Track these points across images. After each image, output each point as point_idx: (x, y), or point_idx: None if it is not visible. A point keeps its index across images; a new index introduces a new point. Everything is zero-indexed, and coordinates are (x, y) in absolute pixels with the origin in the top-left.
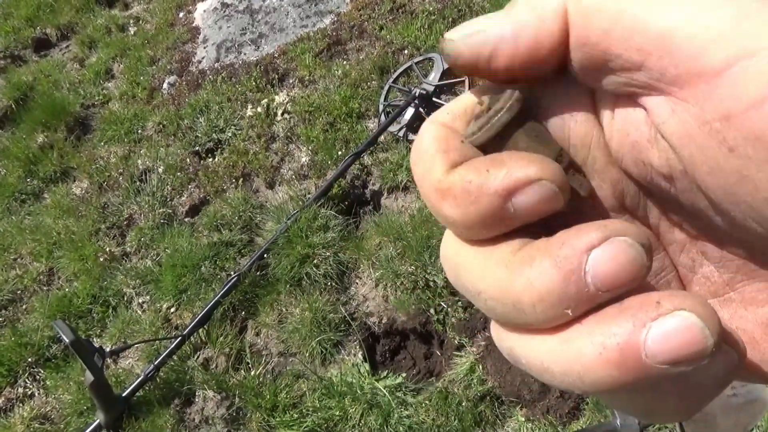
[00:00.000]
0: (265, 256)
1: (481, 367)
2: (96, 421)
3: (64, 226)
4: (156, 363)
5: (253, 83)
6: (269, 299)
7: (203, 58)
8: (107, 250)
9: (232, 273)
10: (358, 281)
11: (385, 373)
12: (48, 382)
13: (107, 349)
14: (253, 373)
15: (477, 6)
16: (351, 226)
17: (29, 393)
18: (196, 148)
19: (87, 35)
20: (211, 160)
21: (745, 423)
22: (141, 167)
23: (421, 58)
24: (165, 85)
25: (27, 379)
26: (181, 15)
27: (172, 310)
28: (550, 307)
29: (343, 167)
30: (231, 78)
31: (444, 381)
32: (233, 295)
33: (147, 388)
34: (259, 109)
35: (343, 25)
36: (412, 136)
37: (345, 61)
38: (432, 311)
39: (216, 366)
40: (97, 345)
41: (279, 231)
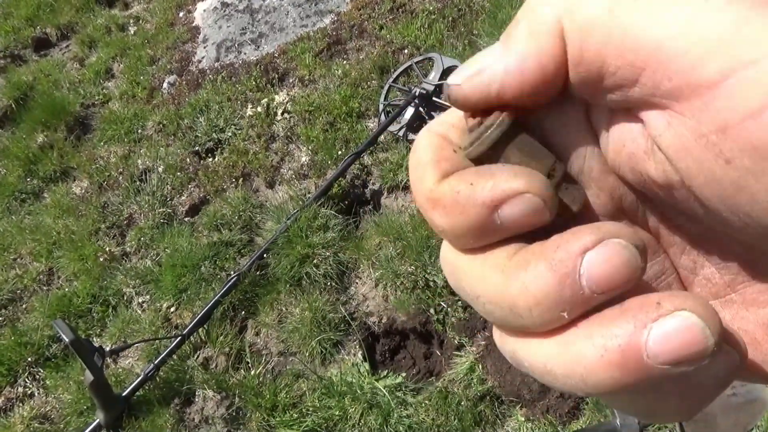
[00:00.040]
0: (264, 255)
1: (480, 366)
2: (96, 420)
3: (63, 226)
4: (156, 362)
5: (253, 83)
6: (269, 299)
7: (203, 57)
8: (107, 249)
9: (232, 273)
10: (358, 281)
11: (385, 372)
12: (48, 382)
13: (107, 348)
14: (252, 372)
15: (477, 6)
16: (351, 225)
17: (29, 392)
18: (196, 148)
19: (87, 35)
20: (211, 159)
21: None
22: (141, 167)
23: (421, 58)
24: (165, 84)
25: (27, 379)
26: (181, 14)
27: (172, 309)
28: (546, 310)
29: (343, 167)
30: (231, 77)
31: (444, 381)
32: (233, 295)
33: (147, 388)
34: (259, 108)
35: (343, 25)
36: (412, 136)
37: (345, 61)
38: (432, 311)
39: (216, 365)
40: (96, 344)
41: (279, 231)
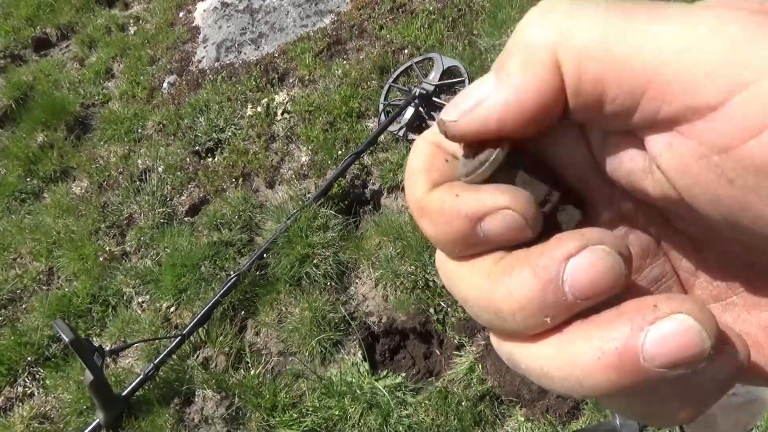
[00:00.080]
0: (264, 255)
1: (480, 366)
2: (95, 420)
3: (63, 226)
4: (155, 362)
5: (253, 83)
6: (269, 299)
7: (203, 57)
8: (107, 249)
9: (232, 272)
10: (357, 281)
11: (385, 372)
12: (48, 382)
13: (107, 348)
14: (252, 372)
15: (477, 5)
16: (351, 225)
17: (29, 392)
18: (196, 148)
19: (87, 35)
20: (210, 159)
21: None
22: (141, 167)
23: (421, 58)
24: (165, 84)
25: (26, 379)
26: (181, 14)
27: (172, 309)
28: (529, 315)
29: (343, 167)
30: (231, 77)
31: (443, 380)
32: (233, 295)
33: (146, 388)
34: (259, 108)
35: (343, 25)
36: (412, 136)
37: (345, 61)
38: (432, 311)
39: (216, 365)
40: (96, 344)
41: (279, 230)
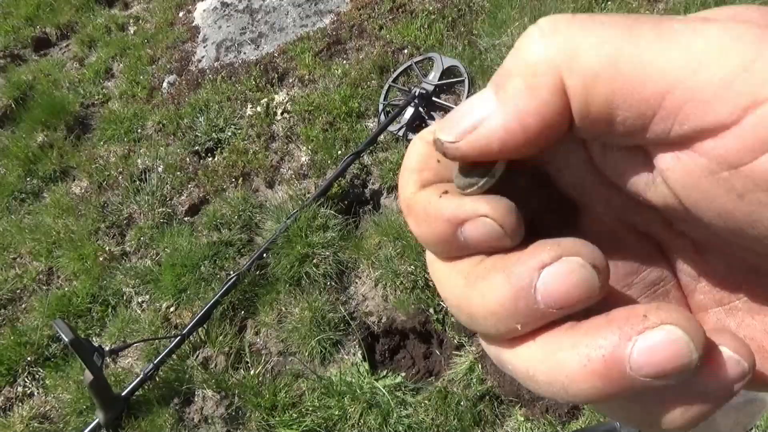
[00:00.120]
0: (264, 255)
1: (480, 366)
2: (95, 420)
3: (63, 226)
4: (155, 362)
5: (253, 82)
6: (269, 299)
7: (203, 57)
8: (107, 249)
9: (232, 272)
10: (357, 281)
11: (385, 372)
12: (47, 382)
13: (106, 348)
14: (252, 372)
15: (477, 6)
16: (350, 225)
17: (28, 392)
18: (196, 148)
19: (87, 34)
20: (210, 159)
21: (744, 422)
22: (141, 166)
23: (420, 58)
24: (165, 84)
25: (26, 379)
26: (180, 14)
27: (172, 309)
28: (500, 320)
29: (343, 166)
30: (231, 77)
31: (443, 380)
32: (233, 295)
33: (146, 388)
34: (258, 108)
35: (342, 25)
36: (412, 136)
37: (345, 61)
38: (431, 311)
39: (215, 365)
40: (96, 344)
41: (278, 230)
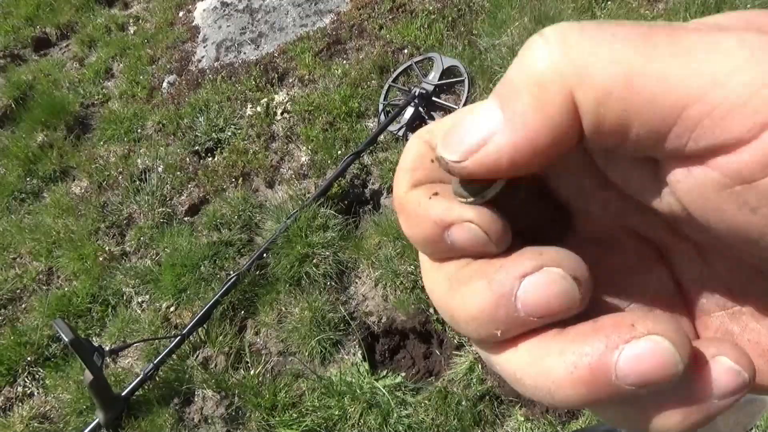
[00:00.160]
0: (264, 255)
1: (480, 366)
2: (95, 420)
3: (63, 226)
4: (155, 362)
5: (253, 82)
6: (269, 298)
7: (203, 57)
8: (107, 249)
9: (232, 272)
10: (357, 281)
11: (385, 372)
12: (47, 382)
13: (106, 348)
14: (252, 372)
15: (477, 6)
16: (350, 225)
17: (28, 392)
18: (196, 148)
19: (87, 34)
20: (210, 159)
21: (744, 422)
22: (140, 166)
23: (420, 58)
24: (165, 84)
25: (26, 378)
26: (180, 14)
27: (172, 309)
28: (480, 326)
29: (343, 166)
30: (231, 77)
31: (443, 380)
32: (233, 295)
33: (146, 388)
34: (258, 108)
35: (342, 25)
36: (412, 136)
37: (345, 61)
38: (431, 311)
39: (215, 365)
40: (96, 344)
41: (278, 230)
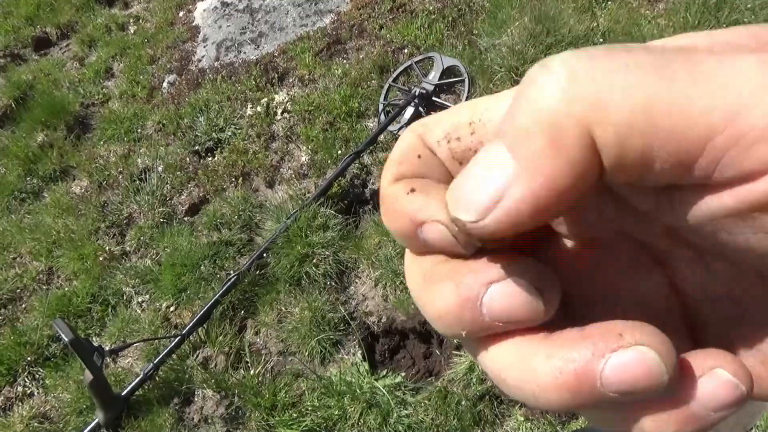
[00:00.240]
0: (264, 255)
1: (480, 366)
2: (95, 420)
3: (63, 225)
4: (155, 362)
5: (253, 82)
6: (269, 298)
7: (203, 57)
8: (107, 249)
9: (232, 272)
10: (357, 280)
11: (385, 372)
12: (47, 381)
13: (106, 348)
14: (252, 372)
15: (477, 5)
16: (350, 225)
17: (28, 392)
18: (196, 147)
19: (87, 34)
20: (210, 159)
21: (744, 422)
22: (141, 166)
23: (420, 58)
24: (165, 84)
25: (26, 378)
26: (181, 14)
27: (172, 309)
28: (446, 325)
29: (343, 166)
30: (231, 77)
31: (443, 380)
32: (232, 295)
33: (146, 387)
34: (258, 108)
35: (342, 25)
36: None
37: (345, 60)
38: None
39: (215, 365)
40: (96, 344)
41: (278, 230)
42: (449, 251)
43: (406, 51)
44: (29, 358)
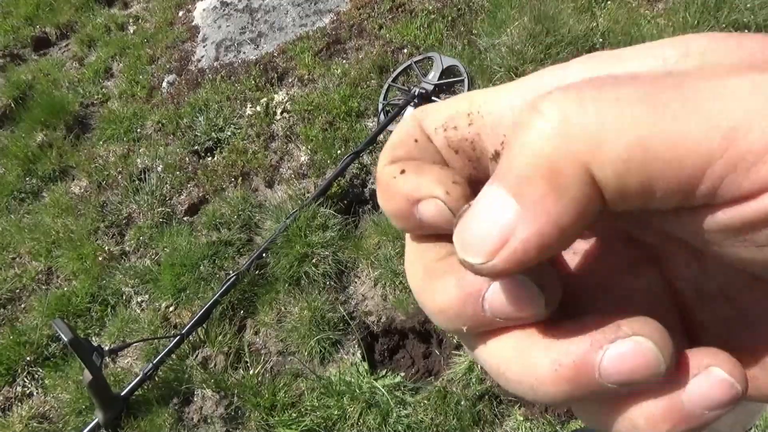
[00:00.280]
0: (264, 255)
1: (479, 366)
2: (94, 420)
3: (63, 225)
4: (155, 362)
5: (253, 82)
6: (268, 298)
7: (202, 57)
8: (106, 249)
9: (231, 272)
10: (357, 280)
11: (384, 372)
12: (47, 381)
13: (106, 348)
14: (251, 372)
15: (476, 5)
16: (350, 225)
17: (28, 392)
18: (195, 147)
19: (86, 34)
20: (210, 159)
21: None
22: (140, 166)
23: (420, 57)
24: (164, 83)
25: (25, 378)
26: (180, 14)
27: (171, 309)
28: (447, 320)
29: (343, 166)
30: (230, 77)
31: (443, 380)
32: (232, 294)
33: (146, 387)
34: (258, 108)
35: (342, 24)
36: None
37: (344, 60)
38: None
39: (215, 365)
40: (95, 344)
41: (278, 230)
42: (446, 229)
43: (405, 51)
44: (28, 358)
